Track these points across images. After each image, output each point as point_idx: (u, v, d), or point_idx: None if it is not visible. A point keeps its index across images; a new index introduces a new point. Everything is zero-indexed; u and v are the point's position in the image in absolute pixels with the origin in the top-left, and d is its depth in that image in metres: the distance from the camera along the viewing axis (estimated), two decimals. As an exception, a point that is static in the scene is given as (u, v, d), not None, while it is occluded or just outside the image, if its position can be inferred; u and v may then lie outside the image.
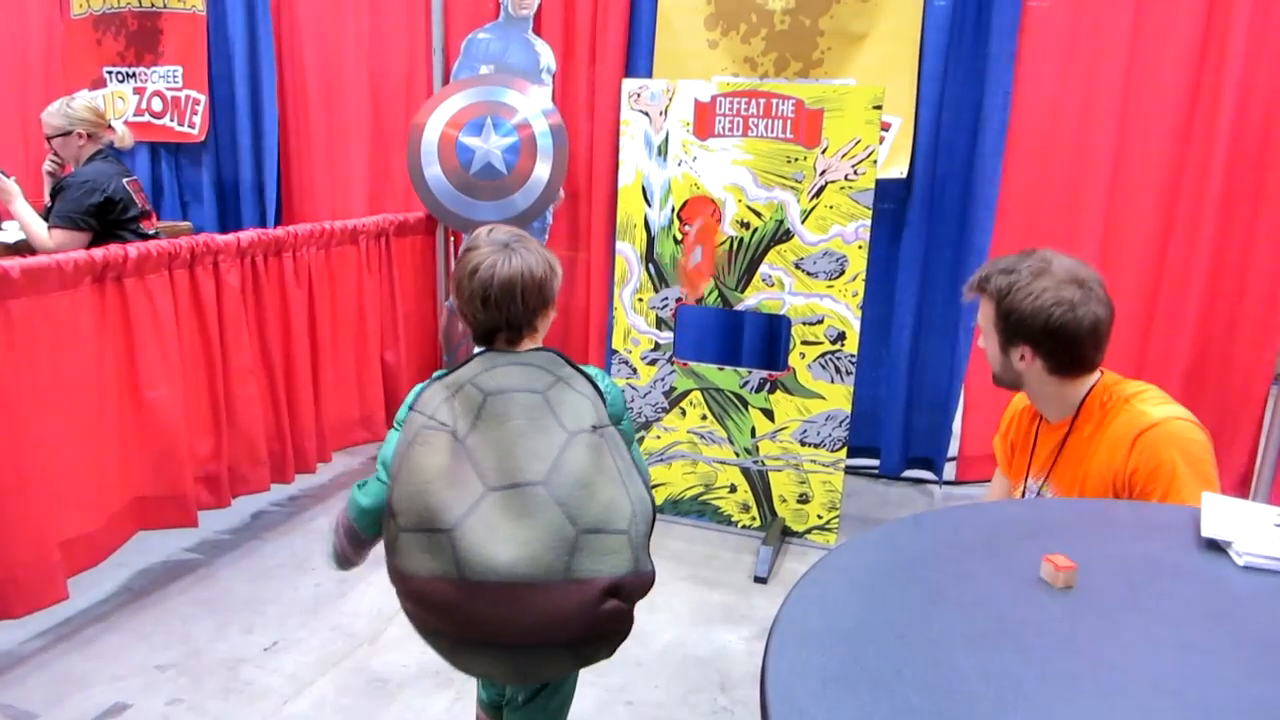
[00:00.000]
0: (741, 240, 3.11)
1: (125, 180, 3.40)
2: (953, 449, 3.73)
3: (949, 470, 3.75)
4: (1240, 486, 3.30)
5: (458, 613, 1.40)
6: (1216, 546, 1.23)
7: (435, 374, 1.53)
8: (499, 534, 1.37)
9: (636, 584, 1.43)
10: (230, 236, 2.97)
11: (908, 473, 3.81)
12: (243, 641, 2.48)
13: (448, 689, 2.30)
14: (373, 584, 2.79)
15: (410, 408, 1.49)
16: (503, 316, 1.52)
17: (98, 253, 2.55)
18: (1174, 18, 3.12)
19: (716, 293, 3.17)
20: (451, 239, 4.08)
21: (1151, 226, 3.27)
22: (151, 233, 3.45)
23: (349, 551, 1.60)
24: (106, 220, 3.30)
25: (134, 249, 2.63)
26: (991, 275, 1.72)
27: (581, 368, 1.54)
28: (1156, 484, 1.59)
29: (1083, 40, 3.25)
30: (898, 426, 3.70)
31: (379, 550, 1.51)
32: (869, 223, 2.99)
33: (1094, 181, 3.31)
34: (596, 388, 1.51)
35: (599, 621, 1.40)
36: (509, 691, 1.67)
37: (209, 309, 2.88)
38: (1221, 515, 1.29)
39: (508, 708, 1.68)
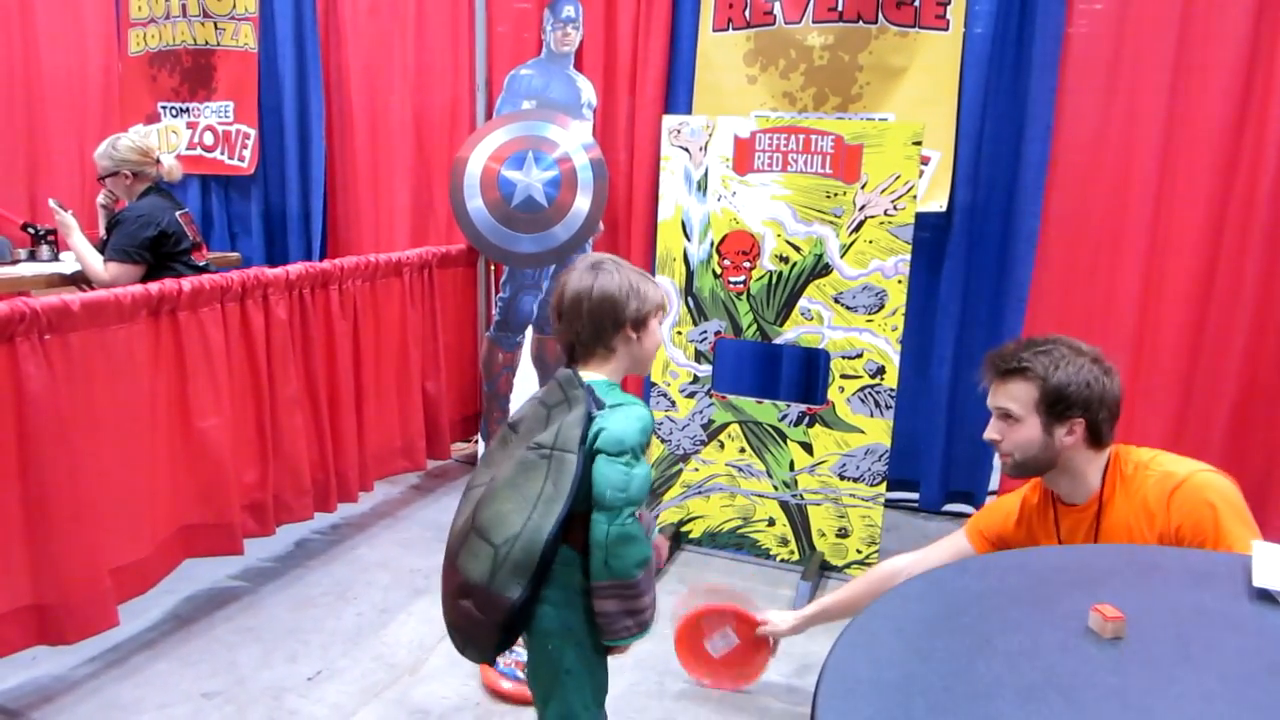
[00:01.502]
0: (780, 274, 3.12)
1: (178, 213, 3.50)
2: (993, 482, 3.69)
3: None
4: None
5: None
6: (1269, 597, 1.22)
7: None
8: (464, 509, 1.60)
9: (485, 601, 1.48)
10: (280, 270, 3.03)
11: (948, 506, 3.77)
12: (287, 670, 2.51)
13: (488, 721, 2.31)
14: (413, 614, 2.82)
15: None
16: (571, 330, 1.62)
17: (154, 287, 2.61)
18: (1218, 50, 3.10)
19: (755, 326, 3.18)
20: (492, 270, 4.13)
21: (1196, 260, 3.24)
22: (202, 264, 3.54)
23: None
24: (160, 253, 3.39)
25: (188, 283, 2.70)
26: (1025, 357, 1.78)
27: (605, 397, 1.56)
28: (1204, 532, 1.62)
29: (1124, 73, 3.24)
30: (937, 459, 3.68)
31: (417, 583, 1.59)
32: (908, 257, 2.99)
33: (1136, 215, 3.29)
34: (590, 417, 1.51)
35: (456, 614, 1.54)
36: None
37: (258, 341, 2.94)
38: (1273, 564, 1.28)
39: None
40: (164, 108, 4.66)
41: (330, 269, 3.24)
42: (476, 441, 4.15)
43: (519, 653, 2.46)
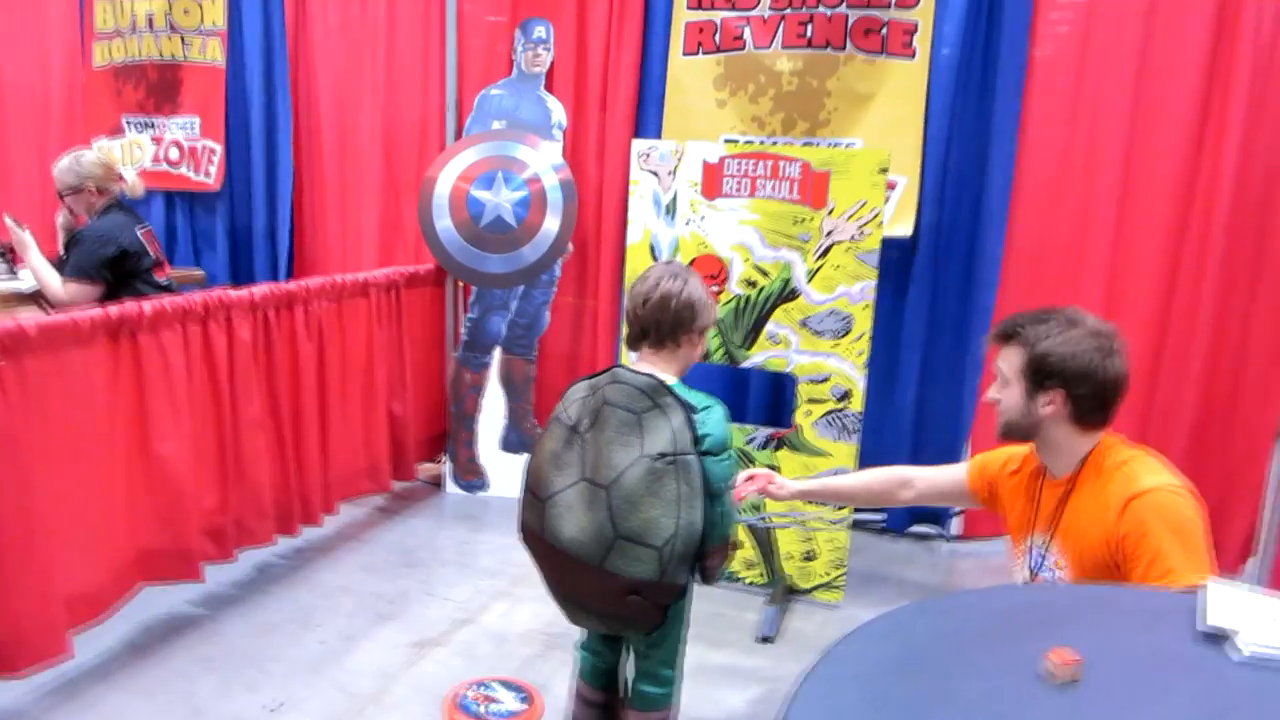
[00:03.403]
0: (748, 299, 3.13)
1: (139, 230, 3.45)
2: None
3: (955, 525, 3.74)
4: (1244, 546, 3.29)
5: (540, 560, 1.89)
6: (1219, 637, 1.23)
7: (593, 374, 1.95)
8: (572, 514, 1.77)
9: (659, 590, 1.75)
10: (244, 291, 3.00)
11: (913, 528, 3.80)
12: (247, 701, 2.47)
13: (450, 752, 2.28)
14: (377, 642, 2.79)
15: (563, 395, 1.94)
16: (653, 320, 1.89)
17: (114, 310, 2.57)
18: (1177, 82, 3.17)
19: (723, 349, 3.19)
20: (461, 290, 4.11)
21: (1154, 287, 3.30)
22: (164, 282, 3.50)
23: None
24: (120, 271, 3.34)
25: (149, 306, 2.66)
26: (1024, 323, 1.81)
27: (692, 400, 1.82)
28: (1143, 551, 1.62)
29: (1086, 102, 3.30)
30: (903, 482, 3.69)
31: (380, 609, 1.56)
32: (875, 283, 3.02)
33: (1098, 242, 3.35)
34: (690, 421, 1.77)
35: (621, 609, 1.77)
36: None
37: (220, 363, 2.90)
38: (1225, 605, 1.29)
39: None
40: (129, 121, 4.60)
41: (295, 290, 3.21)
42: (442, 461, 4.12)
43: (483, 687, 2.47)
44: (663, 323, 1.89)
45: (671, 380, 1.87)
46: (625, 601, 1.74)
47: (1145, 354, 3.33)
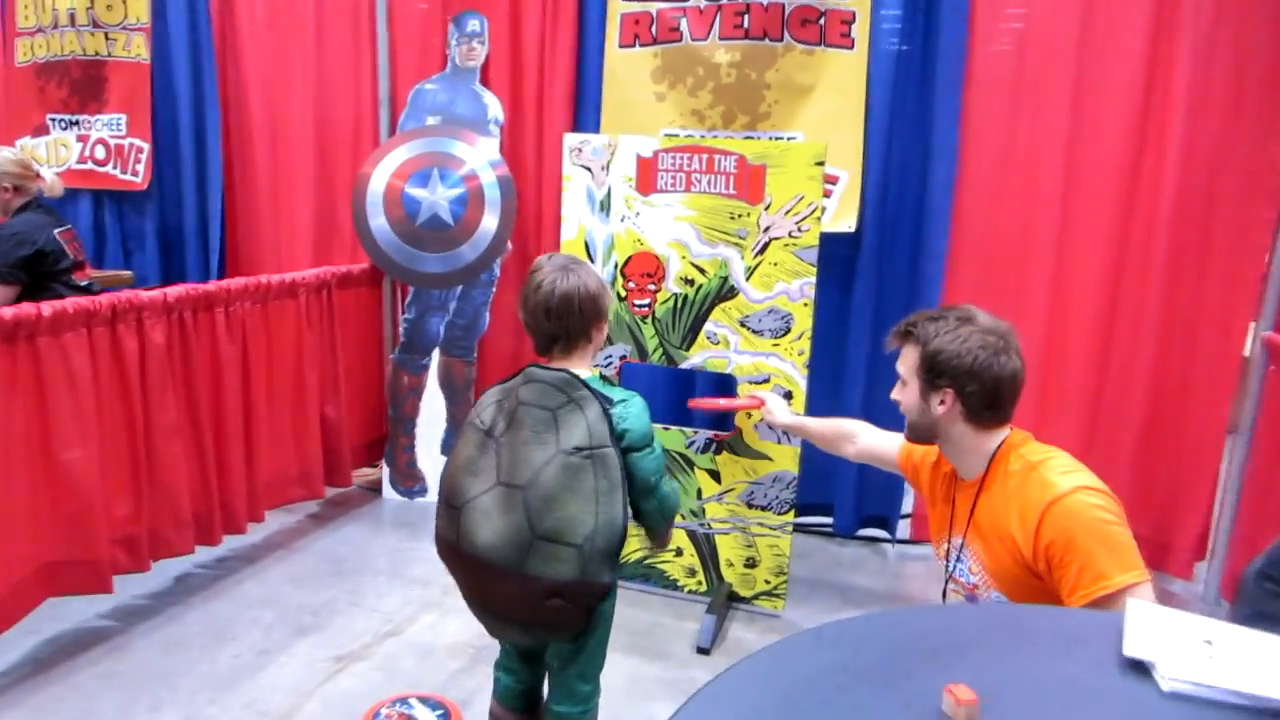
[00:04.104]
0: (686, 297, 3.04)
1: (57, 231, 3.32)
2: (906, 506, 3.66)
3: (903, 528, 3.68)
4: (1197, 547, 3.24)
5: (457, 572, 1.81)
6: (1140, 666, 1.14)
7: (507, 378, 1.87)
8: (488, 520, 1.68)
9: (581, 591, 1.67)
10: (156, 292, 2.87)
11: (862, 531, 3.73)
12: (148, 720, 2.35)
13: (362, 775, 2.18)
14: (294, 656, 2.67)
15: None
16: (562, 326, 1.81)
17: (8, 312, 2.45)
18: (1118, 76, 3.13)
19: (661, 350, 3.09)
20: (398, 290, 3.99)
21: (1100, 281, 3.24)
22: (84, 284, 3.36)
23: None
24: (37, 272, 3.21)
25: (48, 308, 2.53)
26: (918, 322, 1.80)
27: (608, 392, 1.77)
28: (1071, 558, 1.58)
29: (1027, 94, 3.24)
30: (851, 484, 3.63)
31: (303, 621, 1.44)
32: (814, 280, 2.93)
33: (1043, 236, 3.29)
34: (607, 413, 1.72)
35: (542, 613, 1.68)
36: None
37: (131, 367, 2.77)
38: (1146, 630, 1.19)
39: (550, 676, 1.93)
40: (53, 120, 4.43)
41: (215, 290, 3.08)
42: (381, 467, 4.00)
43: (401, 704, 2.37)
44: (572, 327, 1.82)
45: (586, 374, 1.80)
46: (547, 606, 1.67)
47: (1093, 349, 3.28)
